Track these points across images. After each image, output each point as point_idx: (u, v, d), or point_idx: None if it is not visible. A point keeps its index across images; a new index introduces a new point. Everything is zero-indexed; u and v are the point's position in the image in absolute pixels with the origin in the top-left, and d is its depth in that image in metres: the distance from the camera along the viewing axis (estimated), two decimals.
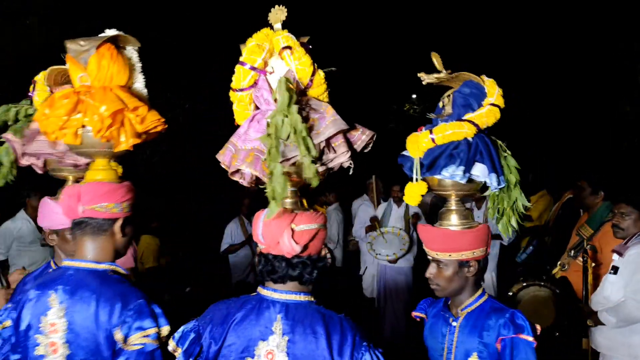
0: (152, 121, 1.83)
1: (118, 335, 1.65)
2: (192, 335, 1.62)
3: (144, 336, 1.63)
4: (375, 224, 5.75)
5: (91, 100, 1.76)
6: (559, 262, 4.03)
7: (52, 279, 1.78)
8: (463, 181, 1.88)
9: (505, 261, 5.51)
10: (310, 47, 1.80)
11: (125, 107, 1.77)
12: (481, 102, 1.95)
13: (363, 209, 6.12)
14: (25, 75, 2.44)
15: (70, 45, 1.82)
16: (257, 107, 1.83)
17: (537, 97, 9.09)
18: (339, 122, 1.67)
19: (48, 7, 6.08)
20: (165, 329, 1.69)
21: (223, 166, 1.81)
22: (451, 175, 1.88)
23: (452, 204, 1.98)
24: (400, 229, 5.62)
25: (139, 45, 1.90)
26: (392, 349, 5.27)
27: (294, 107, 1.55)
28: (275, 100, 1.62)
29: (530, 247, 5.06)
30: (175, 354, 1.62)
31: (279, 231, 1.56)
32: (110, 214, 1.80)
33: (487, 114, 1.91)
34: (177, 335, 1.65)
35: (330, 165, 1.71)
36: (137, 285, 1.80)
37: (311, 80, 1.76)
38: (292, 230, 1.57)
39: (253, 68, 1.75)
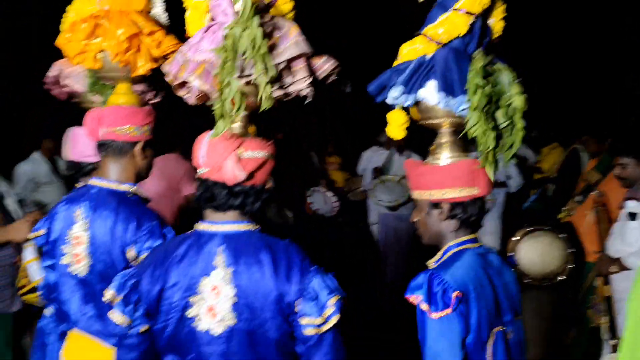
0: (169, 46, 1.85)
1: (131, 252, 1.76)
2: (131, 281, 1.49)
3: None
4: (378, 173, 5.82)
5: (108, 24, 1.79)
6: (564, 208, 4.08)
7: (79, 195, 1.89)
8: (407, 104, 1.63)
9: (512, 211, 5.56)
10: None
11: (141, 32, 1.80)
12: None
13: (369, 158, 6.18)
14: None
15: None
16: (212, 19, 1.63)
17: (543, 73, 8.95)
18: (302, 45, 1.53)
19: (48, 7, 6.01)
20: None
21: (168, 79, 1.65)
22: (393, 98, 1.64)
23: (442, 136, 1.68)
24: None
25: None
26: (395, 295, 5.42)
27: (256, 20, 1.40)
28: (237, 13, 1.49)
29: (534, 195, 5.11)
30: (113, 303, 1.51)
31: (224, 155, 1.43)
32: (130, 137, 1.85)
33: (443, 23, 1.58)
34: (114, 282, 1.52)
35: (289, 90, 1.59)
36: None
37: None
38: (238, 156, 1.44)
39: None
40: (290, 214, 5.17)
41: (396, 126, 1.66)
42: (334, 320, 1.42)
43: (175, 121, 3.51)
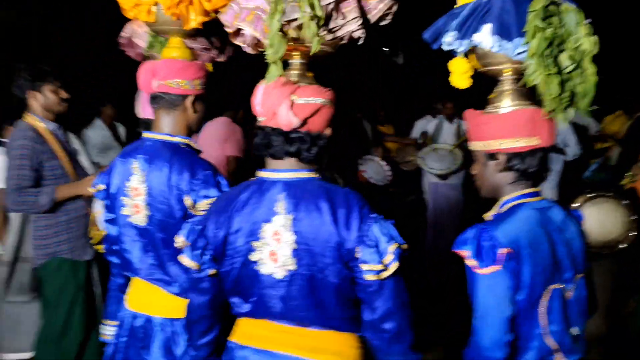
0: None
1: (188, 201, 1.81)
2: (198, 227, 1.56)
3: (209, 203, 1.75)
4: (426, 139, 5.75)
5: None
6: (627, 173, 3.89)
7: (134, 148, 1.96)
8: (460, 49, 1.57)
9: (571, 180, 5.35)
10: None
11: None
12: None
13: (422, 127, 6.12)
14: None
15: None
16: None
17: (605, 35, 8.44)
18: None
19: (48, 7, 6.14)
20: None
21: (225, 26, 1.68)
22: (447, 44, 1.58)
23: (503, 84, 1.61)
24: (454, 146, 5.60)
25: None
26: (445, 265, 5.39)
27: None
28: None
29: (596, 163, 4.90)
30: (183, 247, 1.59)
31: (278, 101, 1.45)
32: (182, 90, 1.90)
33: None
34: (184, 229, 1.60)
35: (339, 33, 1.56)
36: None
37: None
38: (292, 102, 1.45)
39: None
40: (341, 181, 5.17)
41: (459, 74, 1.61)
42: (393, 267, 1.44)
43: (227, 84, 3.56)
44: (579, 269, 1.59)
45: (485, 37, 1.52)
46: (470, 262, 1.48)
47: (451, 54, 1.63)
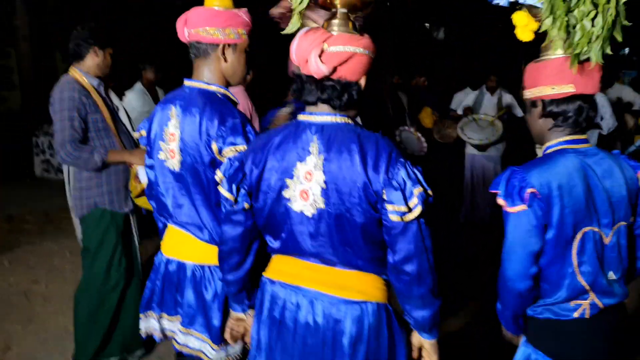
0: None
1: (214, 147, 1.83)
2: (236, 163, 1.62)
3: (235, 150, 1.79)
4: (468, 111, 5.67)
5: None
6: None
7: (174, 96, 1.98)
8: (502, 2, 1.68)
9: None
10: None
11: None
12: None
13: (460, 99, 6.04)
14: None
15: None
16: None
17: None
18: None
19: None
20: None
21: None
22: None
23: (549, 34, 1.60)
24: (494, 117, 5.49)
25: None
26: (480, 236, 5.35)
27: None
28: None
29: (639, 141, 4.74)
30: (221, 181, 1.65)
31: (309, 49, 1.46)
32: (212, 39, 1.89)
33: None
34: (223, 165, 1.66)
35: None
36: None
37: None
38: (323, 50, 1.46)
39: None
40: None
41: (521, 27, 1.62)
42: (418, 210, 1.46)
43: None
44: (618, 217, 1.61)
45: None
46: (501, 201, 1.61)
47: (492, 27, 1.64)
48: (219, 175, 1.66)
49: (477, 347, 3.34)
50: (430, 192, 1.49)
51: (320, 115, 1.55)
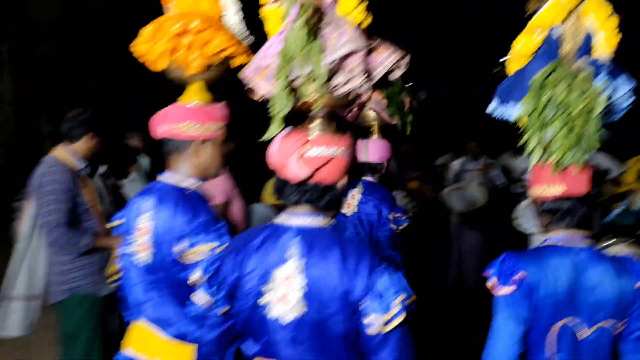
0: (221, 43, 1.88)
1: (184, 244, 1.81)
2: (215, 265, 1.59)
3: (202, 251, 1.78)
4: (444, 173, 5.77)
5: (168, 25, 1.88)
6: None
7: (149, 188, 1.99)
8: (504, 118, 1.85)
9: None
10: None
11: (189, 31, 1.85)
12: None
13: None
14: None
15: None
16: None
17: None
18: (355, 41, 1.49)
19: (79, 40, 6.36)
20: (222, 247, 1.79)
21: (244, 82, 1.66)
22: (491, 111, 1.87)
23: None
24: (479, 184, 5.58)
25: None
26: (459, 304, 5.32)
27: (301, 20, 1.43)
28: None
29: (618, 209, 4.83)
30: (198, 284, 1.62)
31: (288, 153, 1.47)
32: (188, 135, 1.91)
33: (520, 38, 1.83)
34: (201, 265, 1.64)
35: (344, 89, 1.54)
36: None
37: None
38: (302, 154, 1.47)
39: None
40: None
41: None
42: (399, 319, 1.43)
43: None
44: (600, 317, 1.66)
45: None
46: (490, 282, 1.68)
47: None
48: (195, 276, 1.62)
49: None
50: (412, 297, 1.47)
51: (300, 217, 1.54)
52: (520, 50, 1.86)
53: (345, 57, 1.51)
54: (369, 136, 3.34)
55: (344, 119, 3.15)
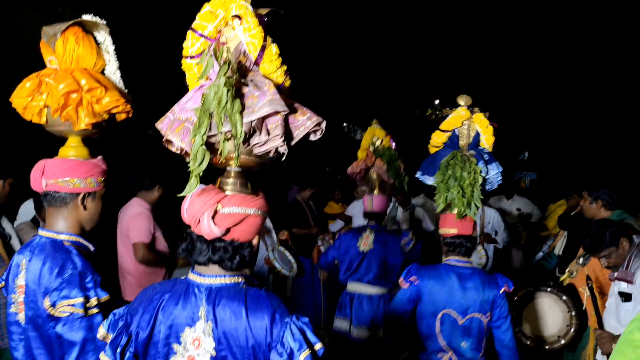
0: (111, 102, 1.90)
1: (47, 301, 1.75)
2: (121, 323, 1.53)
3: (69, 305, 1.72)
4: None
5: (53, 82, 1.86)
6: (567, 269, 3.88)
7: (27, 245, 1.93)
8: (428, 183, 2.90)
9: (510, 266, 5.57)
10: (266, 19, 1.67)
11: (80, 89, 1.84)
12: None
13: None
14: None
15: (45, 29, 1.89)
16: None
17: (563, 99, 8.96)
18: (276, 103, 1.52)
19: None
20: (94, 300, 1.77)
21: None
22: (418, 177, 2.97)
23: None
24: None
25: (108, 29, 1.97)
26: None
27: (223, 79, 1.47)
28: None
29: (540, 253, 4.95)
30: (105, 340, 1.55)
31: (201, 210, 1.46)
32: (71, 189, 1.89)
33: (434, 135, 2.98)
34: (106, 322, 1.57)
35: (262, 148, 1.57)
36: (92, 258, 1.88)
37: (260, 56, 1.64)
38: (216, 211, 1.47)
39: (203, 35, 1.62)
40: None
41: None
42: None
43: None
44: (471, 310, 2.70)
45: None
46: (400, 280, 2.83)
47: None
48: (101, 332, 1.56)
49: None
50: (319, 345, 1.46)
51: (210, 277, 1.52)
52: (435, 142, 2.96)
53: (265, 117, 1.53)
54: (372, 192, 4.31)
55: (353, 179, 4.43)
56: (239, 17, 1.60)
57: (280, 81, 1.65)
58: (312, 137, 1.65)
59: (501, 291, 2.69)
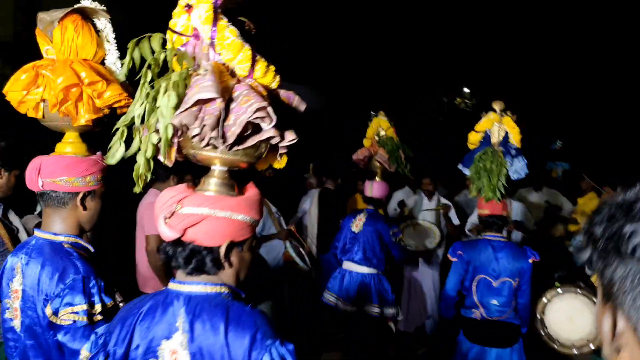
0: (112, 96, 1.77)
1: (49, 309, 1.66)
2: (100, 342, 1.45)
3: (73, 312, 1.63)
4: (404, 209, 5.60)
5: (50, 74, 1.73)
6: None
7: (21, 247, 1.84)
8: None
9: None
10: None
11: (80, 82, 1.71)
12: None
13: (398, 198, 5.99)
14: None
15: (41, 16, 1.78)
16: None
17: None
18: (207, 89, 1.30)
19: None
20: (99, 306, 1.68)
21: None
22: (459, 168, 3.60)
23: None
24: (432, 223, 5.41)
25: (108, 16, 1.84)
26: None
27: (148, 77, 1.39)
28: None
29: (570, 248, 4.75)
30: None
31: (159, 210, 1.36)
32: (70, 188, 1.78)
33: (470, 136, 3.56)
34: (89, 342, 1.48)
35: (244, 145, 1.39)
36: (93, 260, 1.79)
37: (214, 41, 1.42)
38: (173, 211, 1.35)
39: (174, 32, 1.44)
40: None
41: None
42: None
43: None
44: (504, 275, 3.31)
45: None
46: (449, 256, 3.47)
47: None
48: (84, 354, 1.46)
49: None
50: None
51: (189, 284, 1.40)
52: (472, 140, 3.52)
53: (202, 106, 1.34)
54: (374, 178, 4.58)
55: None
56: (190, 6, 1.41)
57: (242, 67, 1.42)
58: (263, 126, 1.38)
59: (530, 261, 3.29)
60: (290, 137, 1.43)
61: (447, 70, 9.60)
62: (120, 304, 1.77)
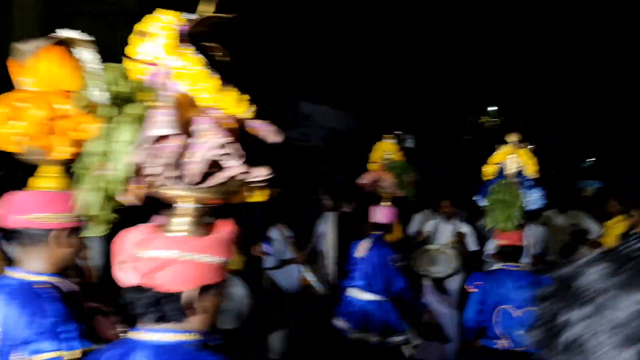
0: (91, 129, 1.67)
1: (27, 351, 1.57)
2: None
3: (54, 357, 1.56)
4: (420, 235, 5.45)
5: (27, 106, 1.66)
6: None
7: None
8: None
9: None
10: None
11: (55, 115, 1.64)
12: None
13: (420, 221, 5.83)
14: None
15: (18, 47, 1.72)
16: None
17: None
18: (162, 125, 1.21)
19: (133, 7, 6.27)
20: (69, 354, 1.58)
21: None
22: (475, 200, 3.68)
23: None
24: (449, 247, 5.25)
25: (94, 46, 1.76)
26: None
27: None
28: None
29: None
30: None
31: (116, 252, 1.24)
32: (47, 225, 1.70)
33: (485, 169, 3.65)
34: None
35: (210, 182, 1.29)
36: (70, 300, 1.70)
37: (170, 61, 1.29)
38: (134, 256, 1.22)
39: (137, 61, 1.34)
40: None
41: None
42: None
43: None
44: (524, 304, 3.23)
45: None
46: (467, 286, 3.58)
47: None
48: None
49: None
50: None
51: (154, 332, 1.25)
52: (487, 172, 3.60)
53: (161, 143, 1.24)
54: (380, 203, 4.48)
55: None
56: (150, 33, 1.28)
57: (208, 97, 1.30)
58: (230, 162, 1.27)
59: None
60: (261, 173, 1.32)
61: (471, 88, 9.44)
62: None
